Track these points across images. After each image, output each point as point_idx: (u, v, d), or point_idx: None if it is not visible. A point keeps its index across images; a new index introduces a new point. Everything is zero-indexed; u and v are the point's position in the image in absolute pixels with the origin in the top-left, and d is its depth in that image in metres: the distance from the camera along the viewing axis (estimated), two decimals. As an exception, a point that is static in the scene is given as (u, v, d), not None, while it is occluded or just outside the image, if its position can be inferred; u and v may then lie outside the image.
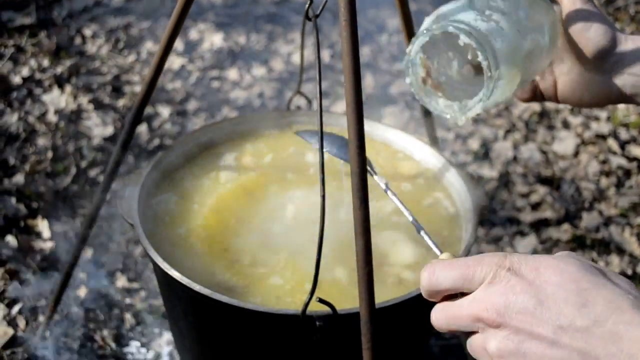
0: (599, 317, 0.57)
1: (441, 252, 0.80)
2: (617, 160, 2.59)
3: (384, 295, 0.98)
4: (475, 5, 0.81)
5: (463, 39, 0.78)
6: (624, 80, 0.89)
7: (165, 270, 1.01)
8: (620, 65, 0.89)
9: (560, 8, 0.92)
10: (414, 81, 0.88)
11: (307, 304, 0.91)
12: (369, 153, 1.36)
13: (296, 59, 3.09)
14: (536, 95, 1.00)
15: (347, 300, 1.01)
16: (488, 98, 0.81)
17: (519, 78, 0.83)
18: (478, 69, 0.87)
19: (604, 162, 2.58)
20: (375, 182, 1.01)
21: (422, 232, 0.84)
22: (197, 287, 0.98)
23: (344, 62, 0.83)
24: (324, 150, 0.88)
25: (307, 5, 0.94)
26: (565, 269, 0.61)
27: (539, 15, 0.86)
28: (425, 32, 0.82)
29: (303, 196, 1.26)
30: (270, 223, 1.21)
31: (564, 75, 0.94)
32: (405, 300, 0.98)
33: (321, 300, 0.90)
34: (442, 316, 0.70)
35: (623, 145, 2.69)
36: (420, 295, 1.00)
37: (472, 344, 0.67)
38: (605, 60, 0.89)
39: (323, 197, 0.86)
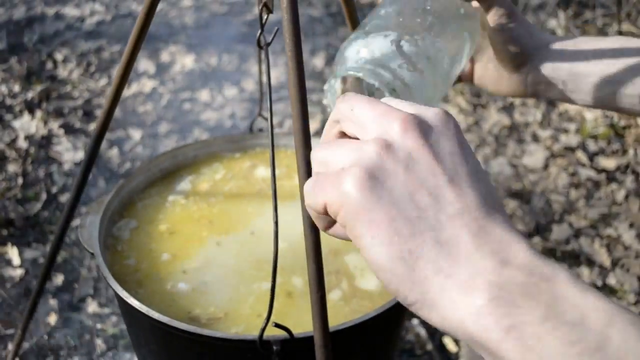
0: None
1: None
2: (586, 172, 2.62)
3: (342, 315, 0.99)
4: (402, 49, 0.76)
5: (384, 93, 0.74)
6: (539, 81, 0.94)
7: (125, 298, 1.01)
8: (536, 71, 0.93)
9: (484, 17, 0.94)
10: (332, 102, 0.85)
11: (263, 329, 0.91)
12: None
13: (265, 78, 3.10)
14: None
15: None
16: None
17: (437, 99, 0.83)
18: None
19: (573, 174, 2.61)
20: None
21: None
22: (155, 314, 0.99)
23: (291, 92, 0.84)
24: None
25: (258, 34, 0.96)
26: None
27: (459, 41, 0.86)
28: (345, 70, 0.78)
29: (264, 219, 1.28)
30: (234, 245, 1.22)
31: (482, 68, 0.97)
32: (360, 322, 0.98)
33: (277, 325, 0.91)
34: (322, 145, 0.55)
35: (592, 157, 2.72)
36: (378, 316, 1.01)
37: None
38: (523, 68, 0.93)
39: (276, 223, 0.87)
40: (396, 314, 1.14)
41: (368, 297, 1.12)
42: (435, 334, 1.90)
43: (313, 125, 2.74)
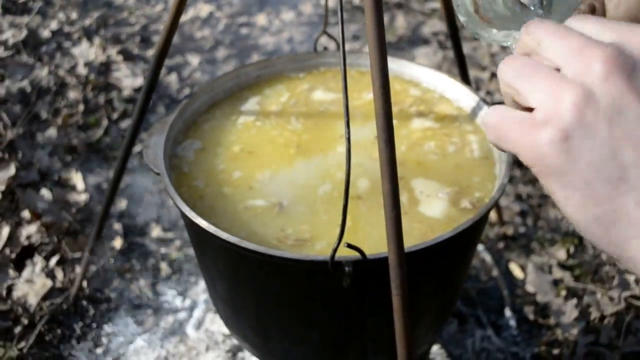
0: None
1: None
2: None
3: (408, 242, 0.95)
4: None
5: None
6: None
7: (192, 219, 1.00)
8: None
9: None
10: (467, 16, 0.80)
11: (335, 250, 0.88)
12: (399, 91, 1.33)
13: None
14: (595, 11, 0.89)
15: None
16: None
17: None
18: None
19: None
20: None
21: None
22: (224, 235, 0.97)
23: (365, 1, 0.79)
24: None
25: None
26: None
27: None
28: None
29: (332, 139, 1.24)
30: (302, 166, 1.18)
31: None
32: (436, 244, 0.95)
33: (349, 246, 0.88)
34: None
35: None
36: (450, 239, 0.97)
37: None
38: None
39: (348, 139, 0.83)
40: (469, 237, 1.11)
41: (424, 221, 1.07)
42: (500, 260, 1.86)
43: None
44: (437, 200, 1.11)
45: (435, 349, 1.62)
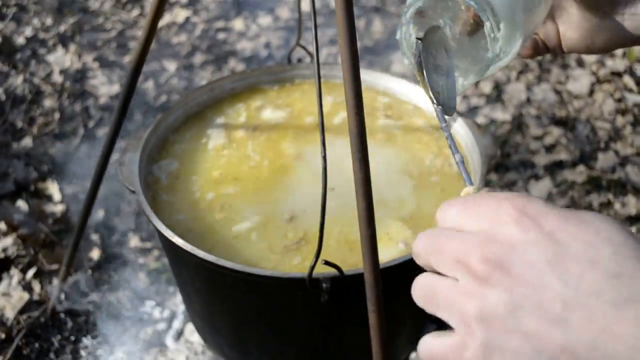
0: (636, 295, 0.41)
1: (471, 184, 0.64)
2: (633, 98, 2.52)
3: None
4: None
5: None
6: (637, 21, 0.82)
7: (169, 237, 1.00)
8: (631, 7, 0.81)
9: None
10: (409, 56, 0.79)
11: (313, 267, 0.89)
12: (373, 102, 1.33)
13: (303, 6, 3.02)
14: (539, 49, 0.87)
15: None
16: (491, 63, 0.74)
17: (521, 36, 0.76)
18: (471, 35, 0.77)
19: (620, 100, 2.52)
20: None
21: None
22: (201, 253, 0.97)
23: (338, 15, 0.79)
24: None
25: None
26: (603, 227, 0.45)
27: None
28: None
29: (309, 155, 1.24)
30: (282, 184, 1.19)
31: (567, 23, 0.83)
32: (411, 258, 0.95)
33: (327, 263, 0.89)
34: (425, 242, 0.53)
35: (639, 82, 2.62)
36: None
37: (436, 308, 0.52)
38: (614, 4, 0.82)
39: (324, 157, 0.84)
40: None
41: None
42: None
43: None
44: (394, 246, 1.08)
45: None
